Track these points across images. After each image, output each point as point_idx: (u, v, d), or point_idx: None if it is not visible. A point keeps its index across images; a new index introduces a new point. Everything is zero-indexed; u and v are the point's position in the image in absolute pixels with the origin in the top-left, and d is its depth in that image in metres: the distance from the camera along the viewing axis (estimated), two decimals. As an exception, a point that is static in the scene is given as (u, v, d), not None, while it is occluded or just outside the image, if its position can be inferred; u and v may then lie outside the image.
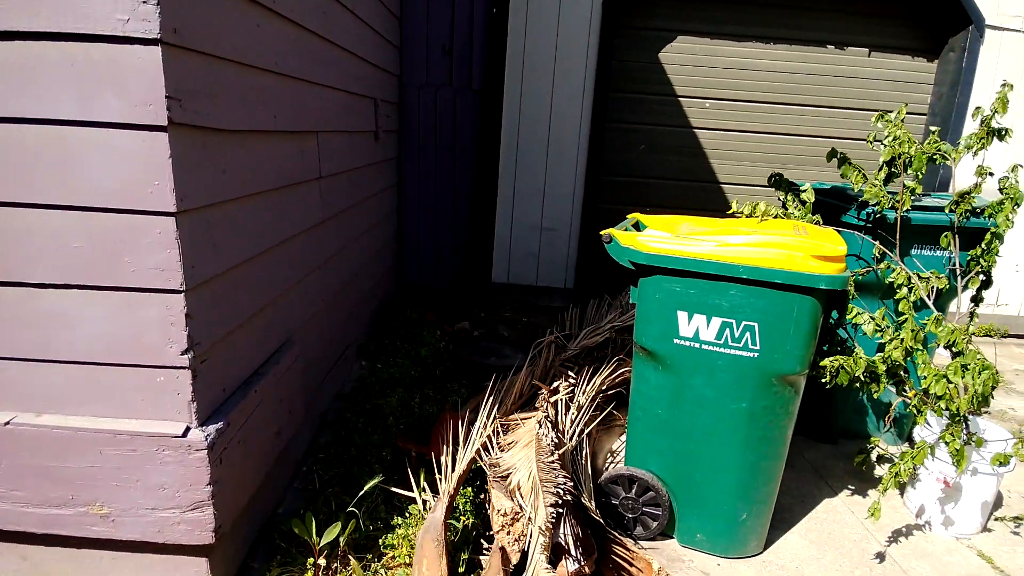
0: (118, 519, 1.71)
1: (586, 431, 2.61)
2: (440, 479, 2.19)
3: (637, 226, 2.43)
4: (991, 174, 2.53)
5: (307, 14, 2.37)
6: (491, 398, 2.55)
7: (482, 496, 2.35)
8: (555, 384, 2.83)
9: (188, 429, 1.67)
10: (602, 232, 2.21)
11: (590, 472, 2.45)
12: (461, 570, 1.97)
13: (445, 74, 4.46)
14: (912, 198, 2.61)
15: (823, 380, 2.21)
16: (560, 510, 1.87)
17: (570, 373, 2.95)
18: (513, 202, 4.75)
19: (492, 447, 2.38)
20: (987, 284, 2.64)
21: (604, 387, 2.93)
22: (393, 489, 2.34)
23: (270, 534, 2.17)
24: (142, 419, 1.68)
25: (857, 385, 2.25)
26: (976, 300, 2.68)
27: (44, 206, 1.54)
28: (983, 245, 2.56)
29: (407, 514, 2.22)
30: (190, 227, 1.61)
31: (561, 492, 1.90)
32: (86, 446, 1.65)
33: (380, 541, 2.13)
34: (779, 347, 2.02)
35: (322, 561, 1.97)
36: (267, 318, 2.17)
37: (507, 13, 4.35)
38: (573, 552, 1.95)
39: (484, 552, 2.11)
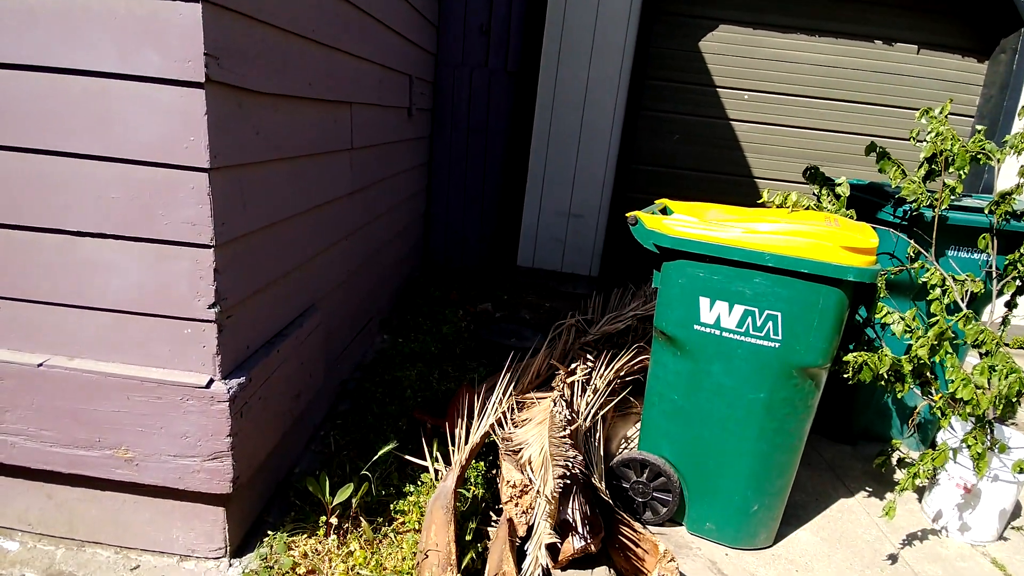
0: (141, 464, 1.77)
1: (601, 414, 2.61)
2: (453, 451, 2.22)
3: (664, 211, 2.41)
4: (1035, 175, 2.44)
5: (346, -16, 2.39)
6: (508, 375, 2.57)
7: (494, 472, 2.37)
8: (573, 366, 2.84)
9: (212, 381, 1.71)
10: (628, 214, 2.19)
11: (602, 455, 2.46)
12: (468, 538, 1.99)
13: (482, 55, 4.46)
14: (951, 198, 2.53)
15: (845, 375, 2.17)
16: (567, 481, 1.88)
17: (588, 356, 2.95)
18: (542, 186, 4.74)
19: (506, 423, 2.40)
20: (1023, 290, 2.55)
21: (622, 373, 2.92)
22: (407, 457, 2.38)
23: (285, 492, 2.23)
24: (168, 368, 1.73)
25: (881, 383, 2.21)
26: (1010, 305, 2.60)
27: (85, 156, 1.59)
28: (1022, 249, 2.48)
29: (419, 482, 2.26)
30: (222, 184, 1.65)
31: (570, 465, 1.91)
32: (114, 391, 1.72)
33: (391, 506, 2.17)
34: (802, 338, 1.99)
35: (334, 520, 2.02)
36: (292, 282, 2.21)
37: (546, -5, 4.32)
38: (580, 529, 1.96)
39: (492, 524, 2.14)
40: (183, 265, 1.65)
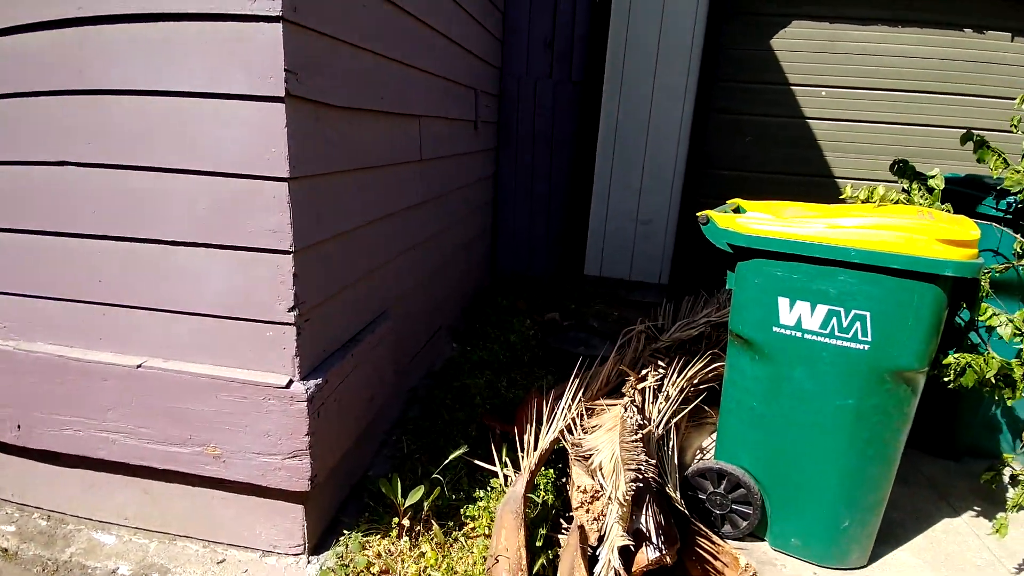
0: (228, 460, 1.86)
1: (674, 422, 2.53)
2: (522, 456, 2.20)
3: (737, 210, 2.32)
4: None
5: (414, 1, 2.46)
6: (577, 381, 2.53)
7: (563, 480, 2.34)
8: (644, 372, 2.77)
9: (291, 381, 1.78)
10: (699, 213, 2.13)
11: (677, 464, 2.37)
12: (539, 544, 1.97)
13: (546, 66, 4.48)
14: (1061, 188, 2.31)
15: (945, 379, 2.01)
16: (640, 486, 1.82)
17: (660, 363, 2.87)
18: (609, 194, 4.69)
19: (576, 429, 2.36)
20: None
21: (696, 380, 2.82)
22: (476, 462, 2.38)
23: (360, 493, 2.28)
24: (252, 369, 1.82)
25: (986, 390, 2.02)
26: None
27: (177, 171, 1.70)
28: None
29: (489, 488, 2.25)
30: (300, 193, 1.72)
31: (642, 469, 1.85)
32: (204, 391, 1.81)
33: (461, 511, 2.18)
34: (895, 340, 1.86)
35: (406, 522, 2.04)
36: (365, 288, 2.27)
37: (610, 4, 4.30)
38: (654, 540, 1.89)
39: (563, 531, 2.10)
40: (265, 270, 1.73)
